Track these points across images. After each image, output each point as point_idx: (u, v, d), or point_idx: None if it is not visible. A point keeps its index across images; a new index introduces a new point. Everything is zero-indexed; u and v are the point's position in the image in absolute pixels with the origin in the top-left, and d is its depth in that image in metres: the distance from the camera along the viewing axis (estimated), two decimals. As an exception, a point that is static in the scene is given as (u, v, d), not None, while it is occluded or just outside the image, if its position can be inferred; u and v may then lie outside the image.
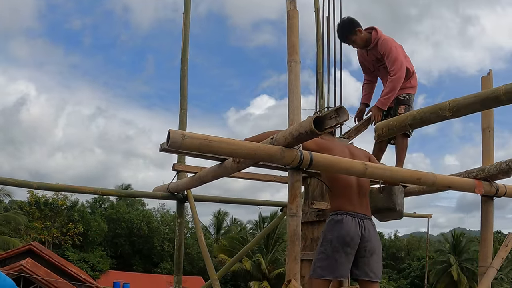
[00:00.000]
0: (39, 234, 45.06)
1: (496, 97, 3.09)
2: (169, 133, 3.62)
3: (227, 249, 45.41)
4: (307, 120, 3.71)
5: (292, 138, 3.90)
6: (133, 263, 53.22)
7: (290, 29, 4.58)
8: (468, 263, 50.99)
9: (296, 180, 4.18)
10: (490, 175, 5.34)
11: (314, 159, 4.12)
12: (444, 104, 3.38)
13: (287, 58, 4.48)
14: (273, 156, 3.97)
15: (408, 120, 3.66)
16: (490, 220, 5.68)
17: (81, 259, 47.50)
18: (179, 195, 7.01)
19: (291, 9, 4.70)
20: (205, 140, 3.70)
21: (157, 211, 61.49)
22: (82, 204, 53.38)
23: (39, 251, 30.94)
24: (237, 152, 3.88)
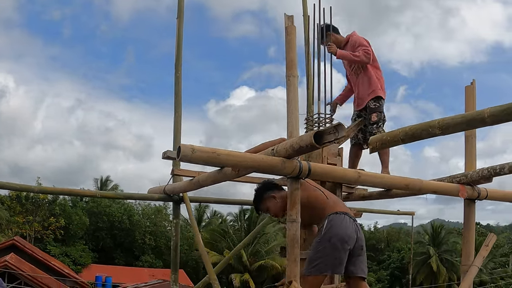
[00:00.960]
0: (20, 229, 45.02)
1: (481, 119, 3.42)
2: (179, 148, 3.90)
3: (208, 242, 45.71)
4: (308, 135, 4.03)
5: (292, 150, 4.21)
6: (114, 257, 53.35)
7: (288, 44, 4.88)
8: (447, 254, 51.81)
9: (295, 188, 4.49)
10: (473, 180, 5.70)
11: (312, 168, 4.44)
12: (434, 123, 3.71)
13: (286, 72, 4.79)
14: (275, 167, 4.29)
15: (401, 135, 3.99)
16: (472, 221, 6.06)
17: (63, 253, 47.54)
18: (175, 197, 7.25)
19: (289, 25, 4.99)
20: (213, 153, 4.00)
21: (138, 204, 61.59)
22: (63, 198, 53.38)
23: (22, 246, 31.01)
24: (242, 164, 4.19)
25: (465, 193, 5.68)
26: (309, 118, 6.93)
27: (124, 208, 54.58)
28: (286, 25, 5.04)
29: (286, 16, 5.14)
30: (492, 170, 5.48)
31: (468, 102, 6.16)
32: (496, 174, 5.47)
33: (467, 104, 6.15)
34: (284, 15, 5.15)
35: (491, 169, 5.50)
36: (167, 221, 55.10)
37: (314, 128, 6.78)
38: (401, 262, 56.29)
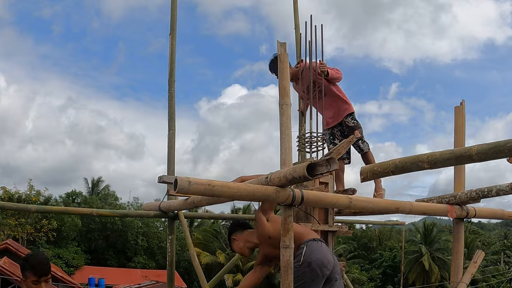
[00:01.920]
0: (13, 231, 44.85)
1: (469, 156, 3.55)
2: (176, 181, 4.01)
3: (200, 243, 45.85)
4: (300, 166, 4.14)
5: (286, 180, 4.33)
6: (107, 258, 53.37)
7: (281, 72, 4.98)
8: (439, 252, 52.07)
9: (289, 215, 4.61)
10: (461, 201, 5.84)
11: (305, 196, 4.56)
12: (423, 157, 3.84)
13: (279, 100, 4.90)
14: (269, 196, 4.40)
15: (391, 167, 4.12)
16: (461, 239, 6.22)
17: (55, 255, 47.49)
18: (170, 214, 7.38)
19: (281, 52, 5.10)
20: (209, 186, 4.10)
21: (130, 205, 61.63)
22: (55, 200, 53.34)
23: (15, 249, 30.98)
24: (237, 195, 4.30)
25: (454, 213, 5.83)
26: (301, 137, 7.07)
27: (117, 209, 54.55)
28: (279, 52, 5.14)
29: (279, 43, 5.23)
30: (480, 192, 5.62)
31: (457, 122, 6.29)
32: (484, 196, 5.62)
33: (456, 124, 6.28)
34: (277, 42, 5.25)
35: (479, 191, 5.65)
36: (159, 221, 55.17)
37: (306, 147, 6.91)
38: (393, 261, 56.52)
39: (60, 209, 7.71)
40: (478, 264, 6.42)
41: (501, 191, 5.53)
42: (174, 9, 8.36)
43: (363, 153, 7.84)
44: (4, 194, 45.70)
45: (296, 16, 9.41)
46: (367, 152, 7.81)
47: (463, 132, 6.25)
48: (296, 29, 9.31)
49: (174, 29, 8.30)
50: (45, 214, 47.48)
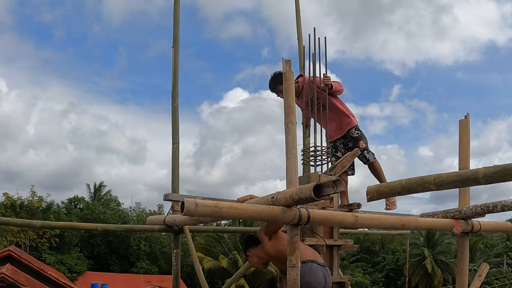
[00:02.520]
0: (15, 237, 44.81)
1: (475, 179, 3.57)
2: (183, 203, 4.02)
3: (203, 247, 45.82)
4: (307, 187, 4.15)
5: (292, 200, 4.34)
6: (110, 263, 53.32)
7: (286, 90, 4.99)
8: (442, 255, 52.02)
9: (295, 234, 4.62)
10: (467, 216, 5.85)
11: (311, 216, 4.57)
12: (430, 178, 3.85)
13: (284, 119, 4.91)
14: (276, 216, 4.42)
15: (397, 188, 4.13)
16: (466, 253, 6.21)
17: (58, 261, 47.51)
18: (175, 228, 7.38)
19: (286, 70, 5.11)
20: (216, 207, 4.12)
21: (133, 210, 61.68)
22: (57, 206, 53.35)
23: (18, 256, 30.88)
24: (244, 215, 4.32)
25: (459, 228, 5.84)
26: (305, 150, 7.08)
27: (119, 215, 54.59)
28: (284, 70, 5.16)
29: (283, 61, 5.25)
30: (486, 208, 5.63)
31: (462, 136, 6.29)
32: (489, 211, 5.62)
33: (461, 138, 6.28)
34: (282, 60, 5.26)
35: (484, 206, 5.65)
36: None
37: (310, 160, 6.93)
38: (396, 264, 56.44)
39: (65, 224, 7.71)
40: (483, 278, 6.43)
41: (506, 206, 5.53)
42: (176, 21, 8.36)
43: (369, 163, 7.84)
44: (6, 200, 45.69)
45: (299, 27, 9.45)
46: (373, 162, 7.82)
47: (467, 146, 6.25)
48: (299, 40, 9.34)
49: (177, 41, 8.29)
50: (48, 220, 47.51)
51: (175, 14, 8.37)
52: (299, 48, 9.19)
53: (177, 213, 7.19)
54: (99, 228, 7.33)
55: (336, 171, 6.86)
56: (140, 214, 59.06)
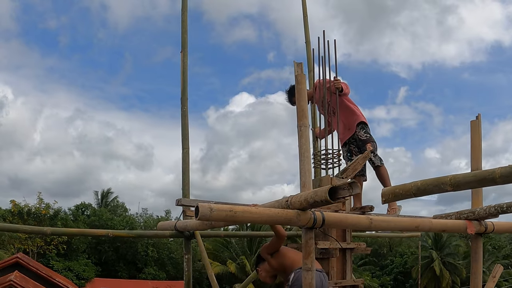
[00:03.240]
0: (23, 244, 44.92)
1: (492, 179, 3.54)
2: (197, 207, 4.00)
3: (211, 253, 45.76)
4: (322, 190, 4.13)
5: (307, 203, 4.32)
6: (117, 269, 53.39)
7: (298, 93, 4.97)
8: (450, 257, 51.89)
9: (310, 237, 4.60)
10: (480, 217, 5.82)
11: (326, 219, 4.55)
12: (446, 179, 3.83)
13: (297, 122, 4.89)
14: (291, 220, 4.40)
15: (413, 190, 4.11)
16: (479, 255, 6.19)
17: (66, 268, 47.61)
18: (186, 233, 7.35)
19: (298, 73, 5.10)
20: (231, 212, 4.09)
21: (140, 216, 61.74)
22: (64, 213, 53.48)
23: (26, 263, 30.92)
24: (259, 220, 4.30)
25: (473, 228, 5.81)
26: (316, 153, 7.06)
27: (126, 221, 54.68)
28: (296, 73, 5.16)
29: (295, 64, 5.26)
30: (499, 208, 5.59)
31: (473, 136, 6.27)
32: (503, 211, 5.58)
33: (472, 138, 6.26)
34: (294, 63, 5.27)
35: (498, 207, 5.61)
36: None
37: (322, 163, 6.91)
38: (404, 267, 56.32)
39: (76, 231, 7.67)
40: (497, 279, 6.41)
41: (521, 207, 5.51)
42: (184, 26, 8.33)
43: (375, 167, 7.83)
44: (13, 208, 45.84)
45: (306, 31, 9.43)
46: (379, 167, 7.79)
47: (479, 146, 6.23)
48: (307, 44, 9.32)
49: (185, 46, 8.25)
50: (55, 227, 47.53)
51: (183, 17, 8.34)
52: (308, 52, 9.17)
53: (188, 218, 7.17)
54: (110, 234, 7.29)
55: (348, 174, 6.85)
56: (147, 220, 59.15)
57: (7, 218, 45.97)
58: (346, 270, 6.47)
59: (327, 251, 6.23)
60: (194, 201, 6.84)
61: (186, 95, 8.03)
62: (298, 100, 4.95)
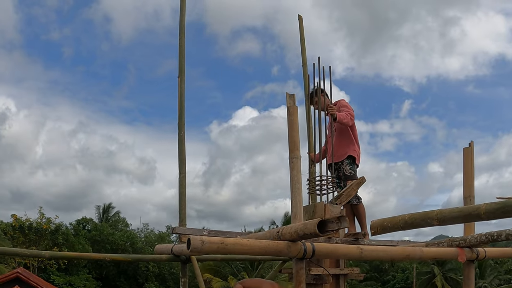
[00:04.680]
0: (23, 259, 44.87)
1: (477, 215, 3.63)
2: (189, 240, 4.09)
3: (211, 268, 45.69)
4: (312, 223, 4.22)
5: (297, 235, 4.41)
6: (118, 284, 53.27)
7: (290, 125, 5.08)
8: (452, 272, 51.72)
9: (300, 268, 4.69)
10: (472, 244, 5.90)
11: (316, 249, 4.64)
12: (432, 214, 3.91)
13: (289, 154, 4.99)
14: (281, 251, 4.49)
15: (401, 223, 4.19)
16: (471, 280, 6.29)
17: (66, 283, 47.50)
18: (182, 257, 7.43)
19: (290, 105, 5.19)
20: (222, 244, 4.18)
21: (141, 231, 61.66)
22: (66, 227, 53.42)
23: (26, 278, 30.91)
24: (250, 251, 4.38)
25: (464, 256, 5.89)
26: (311, 180, 7.14)
27: (127, 236, 54.62)
28: (288, 104, 5.23)
29: (287, 95, 5.33)
30: (490, 236, 5.67)
31: (466, 163, 6.37)
32: (493, 240, 5.66)
33: (465, 165, 6.36)
34: (286, 94, 5.34)
35: (488, 235, 5.69)
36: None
37: (316, 189, 6.99)
38: (405, 282, 56.14)
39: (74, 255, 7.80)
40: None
41: (511, 235, 5.58)
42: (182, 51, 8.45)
43: (353, 205, 7.71)
44: (15, 222, 45.84)
45: (303, 53, 9.53)
46: (356, 205, 7.68)
47: (472, 173, 6.32)
48: (304, 66, 9.41)
49: (182, 71, 8.37)
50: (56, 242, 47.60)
51: (180, 42, 8.46)
52: (304, 75, 9.27)
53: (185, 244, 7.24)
54: (107, 258, 7.38)
55: (341, 200, 6.92)
56: (149, 235, 59.07)
57: (8, 233, 45.98)
58: (339, 295, 6.53)
59: (320, 277, 6.29)
60: (189, 229, 6.92)
61: (183, 121, 8.12)
62: (290, 132, 5.05)
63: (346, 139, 7.80)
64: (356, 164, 7.85)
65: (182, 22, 8.46)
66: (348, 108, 7.74)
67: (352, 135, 7.86)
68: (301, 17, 9.95)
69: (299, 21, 9.89)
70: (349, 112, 7.65)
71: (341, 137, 7.75)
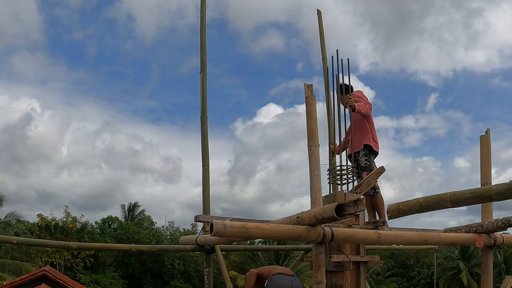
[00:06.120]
0: (50, 258, 45.40)
1: (488, 195, 3.76)
2: (212, 225, 4.27)
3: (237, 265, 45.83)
4: (330, 207, 4.37)
5: (316, 220, 4.57)
6: (144, 282, 53.60)
7: (308, 115, 5.22)
8: (478, 268, 51.17)
9: (320, 252, 4.84)
10: (489, 230, 6.00)
11: (335, 234, 4.79)
12: (446, 196, 4.05)
13: (307, 142, 5.14)
14: (301, 235, 4.64)
15: (416, 206, 4.33)
16: (490, 266, 6.38)
17: (93, 281, 47.95)
18: (206, 247, 7.61)
19: (308, 95, 5.34)
20: (243, 228, 4.35)
21: (166, 230, 62.04)
22: (91, 226, 53.93)
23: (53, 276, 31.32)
24: (270, 235, 4.55)
25: (481, 242, 5.99)
26: (331, 169, 7.28)
27: (152, 234, 54.93)
28: (306, 94, 5.38)
29: (305, 86, 5.48)
30: (507, 222, 5.77)
31: (483, 151, 6.46)
32: (510, 225, 5.76)
33: (482, 153, 6.45)
34: (304, 85, 5.49)
35: (505, 220, 5.79)
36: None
37: (337, 179, 7.13)
38: (431, 278, 55.77)
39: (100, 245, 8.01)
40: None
41: (527, 220, 5.68)
42: (203, 47, 8.61)
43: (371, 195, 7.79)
44: (41, 222, 46.43)
45: (323, 48, 9.67)
46: (374, 195, 7.73)
47: (489, 160, 6.40)
48: (324, 61, 9.56)
49: (204, 67, 8.53)
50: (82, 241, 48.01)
51: (202, 39, 8.62)
52: (324, 69, 9.41)
53: (208, 233, 7.43)
54: (133, 248, 7.61)
55: (361, 189, 7.05)
56: (174, 233, 59.38)
57: (35, 232, 46.54)
58: (360, 283, 6.65)
59: (341, 264, 6.43)
60: (211, 217, 7.10)
61: (206, 115, 8.29)
62: (308, 121, 5.20)
63: (362, 129, 7.87)
64: (375, 152, 7.91)
65: (203, 17, 8.62)
66: (364, 99, 7.84)
67: (368, 125, 7.94)
68: (320, 12, 10.09)
69: (318, 16, 10.03)
70: (365, 101, 7.78)
71: (356, 128, 7.84)
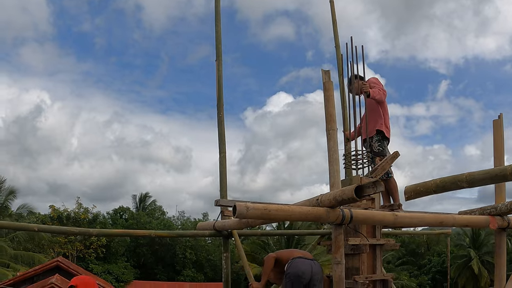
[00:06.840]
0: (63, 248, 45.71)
1: (503, 175, 3.88)
2: (235, 206, 4.41)
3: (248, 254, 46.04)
4: (349, 188, 4.51)
5: (336, 201, 4.70)
6: (156, 272, 53.88)
7: (326, 100, 5.35)
8: (488, 256, 51.26)
9: (339, 233, 4.98)
10: (502, 212, 6.12)
11: (354, 215, 4.92)
12: (462, 177, 4.18)
13: (326, 126, 5.27)
14: (321, 217, 4.78)
15: (433, 187, 4.46)
16: (503, 249, 6.50)
17: (105, 271, 48.25)
18: (224, 232, 7.76)
19: (326, 80, 5.46)
20: (265, 210, 4.49)
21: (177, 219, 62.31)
22: (103, 217, 54.26)
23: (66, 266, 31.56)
24: (291, 217, 4.69)
25: (495, 223, 6.11)
26: (347, 155, 7.41)
27: (164, 224, 55.16)
28: (324, 80, 5.51)
29: (323, 71, 5.61)
30: (520, 204, 5.89)
31: (496, 135, 6.57)
32: (523, 207, 5.87)
33: (495, 136, 6.56)
34: (321, 71, 5.62)
35: (519, 202, 5.91)
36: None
37: (352, 164, 7.26)
38: (442, 266, 55.86)
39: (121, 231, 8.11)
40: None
41: (541, 202, 5.79)
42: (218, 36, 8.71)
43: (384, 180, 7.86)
44: (53, 213, 46.74)
45: (336, 36, 9.76)
46: (386, 180, 7.85)
47: (502, 144, 6.51)
48: (337, 48, 9.65)
49: (219, 55, 8.63)
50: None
51: (217, 28, 8.72)
52: (337, 56, 9.51)
53: (226, 218, 7.58)
54: (152, 234, 7.76)
55: (377, 174, 7.17)
56: (185, 223, 59.65)
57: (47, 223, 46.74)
58: (376, 265, 6.80)
59: (357, 247, 6.58)
60: (232, 201, 7.23)
61: (222, 102, 8.39)
62: (326, 106, 5.32)
63: (375, 115, 7.96)
64: (387, 138, 8.02)
65: (218, 6, 8.71)
66: (378, 85, 7.95)
67: (382, 111, 8.04)
68: (333, 1, 10.17)
69: (331, 5, 10.11)
70: (380, 88, 7.88)
71: (371, 114, 7.95)
